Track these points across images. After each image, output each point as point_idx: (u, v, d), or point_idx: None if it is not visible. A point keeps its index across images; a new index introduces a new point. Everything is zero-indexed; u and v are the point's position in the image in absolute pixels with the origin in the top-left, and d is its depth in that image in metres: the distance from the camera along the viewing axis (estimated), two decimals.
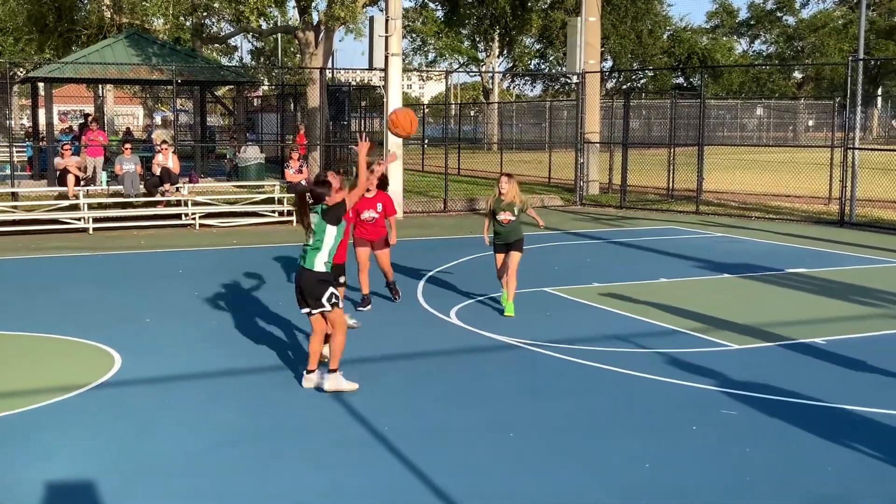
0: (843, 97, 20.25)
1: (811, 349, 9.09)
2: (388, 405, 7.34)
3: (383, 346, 9.19)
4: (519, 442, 6.57)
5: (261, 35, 39.88)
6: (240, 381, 8.07)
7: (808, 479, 5.87)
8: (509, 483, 5.83)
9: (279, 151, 30.73)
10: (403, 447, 6.39)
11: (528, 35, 59.56)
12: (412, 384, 7.98)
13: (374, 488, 5.75)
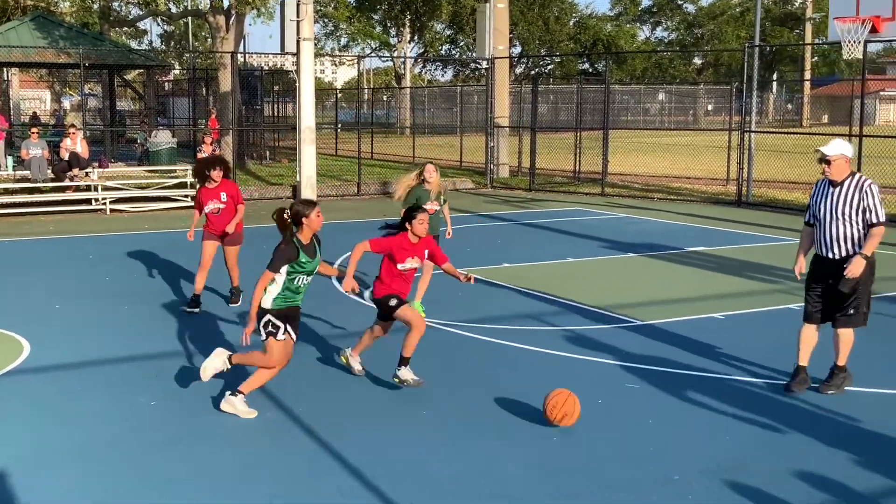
0: (740, 82, 20.77)
1: (710, 323, 9.34)
2: (301, 386, 7.29)
3: (301, 329, 9.10)
4: (432, 419, 6.60)
5: (171, 19, 38.93)
6: (151, 365, 7.92)
7: (708, 449, 6.03)
8: (422, 458, 5.86)
9: (191, 136, 30.17)
10: (317, 427, 6.36)
11: (439, 21, 59.49)
12: (326, 365, 7.94)
13: (286, 466, 5.72)
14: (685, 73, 74.12)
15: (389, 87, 65.57)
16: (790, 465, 5.71)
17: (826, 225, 6.94)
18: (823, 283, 6.99)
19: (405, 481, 5.51)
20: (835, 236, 6.88)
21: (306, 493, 5.37)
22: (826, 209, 6.95)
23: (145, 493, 5.38)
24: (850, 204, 6.83)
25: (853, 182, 6.92)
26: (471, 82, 58.67)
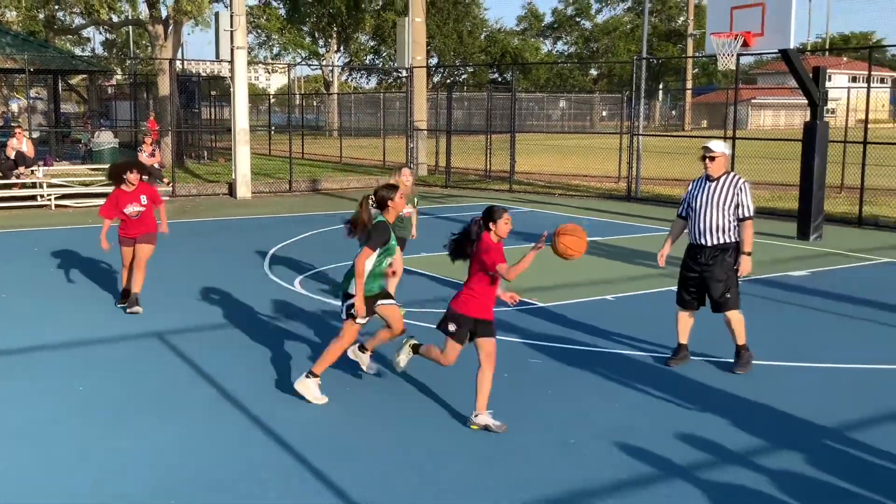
0: (630, 91, 21.10)
1: (603, 305, 9.48)
2: (235, 367, 7.18)
3: (231, 314, 8.96)
4: (354, 395, 6.56)
5: (112, 27, 37.76)
6: (93, 352, 7.69)
7: (601, 414, 6.13)
8: (347, 433, 5.82)
9: (133, 136, 29.38)
10: (248, 404, 6.27)
11: (363, 33, 59.10)
12: (258, 347, 7.82)
13: (221, 440, 5.62)
14: (583, 83, 75.09)
15: (319, 93, 64.86)
16: (672, 428, 5.84)
17: (701, 215, 7.11)
18: (697, 271, 7.14)
19: (336, 453, 5.46)
20: (709, 226, 7.05)
21: (237, 467, 5.28)
22: (702, 201, 7.11)
23: (84, 467, 5.23)
24: (725, 198, 7.01)
25: (728, 179, 7.10)
26: (393, 89, 58.42)
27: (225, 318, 8.78)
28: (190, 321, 8.62)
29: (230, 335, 8.19)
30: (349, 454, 5.42)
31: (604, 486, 4.98)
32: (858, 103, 38.60)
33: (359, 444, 5.58)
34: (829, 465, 5.27)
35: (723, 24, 13.51)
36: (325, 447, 5.52)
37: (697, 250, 7.14)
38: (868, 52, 23.05)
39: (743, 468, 5.22)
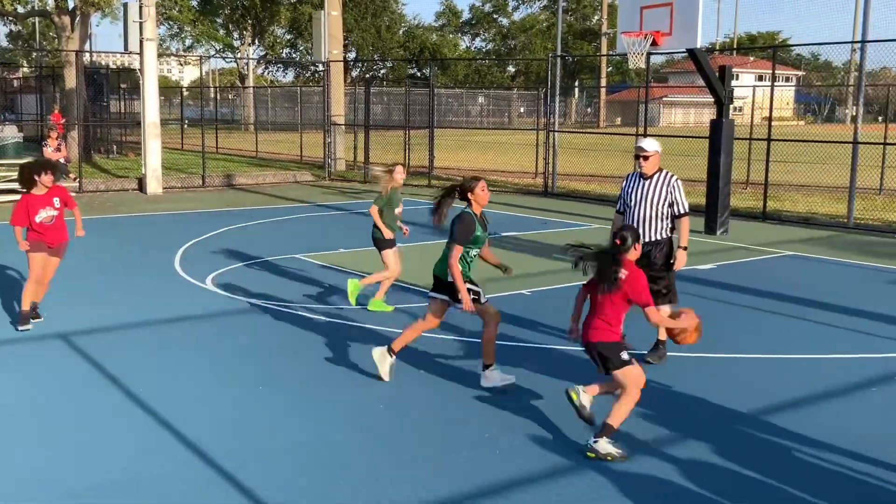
0: (546, 88, 21.34)
1: (519, 299, 9.57)
2: (144, 369, 6.99)
3: (140, 312, 8.72)
4: (266, 394, 6.46)
5: (17, 18, 36.35)
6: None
7: (514, 408, 6.16)
8: (255, 431, 5.73)
9: (39, 131, 28.35)
10: (157, 407, 6.11)
11: (279, 26, 58.31)
12: (167, 347, 7.63)
13: (128, 449, 5.46)
14: (501, 80, 75.70)
15: (234, 86, 63.75)
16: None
17: (636, 212, 7.20)
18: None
19: (243, 455, 5.37)
20: (643, 222, 7.15)
21: (144, 471, 5.15)
22: (637, 198, 7.21)
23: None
24: (659, 196, 7.13)
25: (661, 177, 7.21)
26: (310, 84, 57.80)
27: (133, 317, 8.54)
28: (96, 321, 8.36)
29: (138, 335, 7.98)
30: (259, 454, 5.33)
31: (517, 480, 5.02)
32: (764, 101, 39.94)
33: (270, 444, 5.50)
34: (735, 454, 5.42)
35: (633, 23, 13.78)
36: (235, 448, 5.41)
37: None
38: (773, 51, 23.84)
39: (652, 458, 5.33)
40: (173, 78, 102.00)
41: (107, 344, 7.60)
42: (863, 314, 8.98)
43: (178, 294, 9.60)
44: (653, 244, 7.15)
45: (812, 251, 12.95)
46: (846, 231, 15.07)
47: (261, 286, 9.98)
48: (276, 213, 16.74)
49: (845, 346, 7.82)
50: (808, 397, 6.44)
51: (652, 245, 7.14)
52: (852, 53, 32.25)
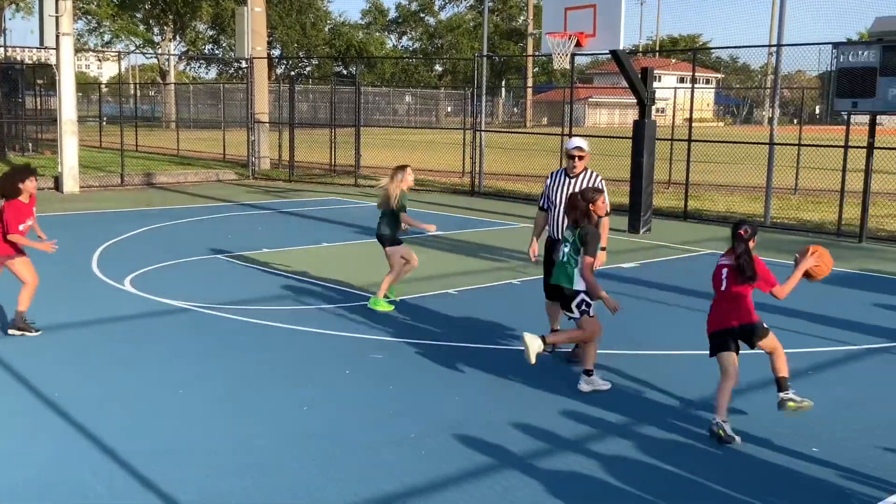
0: (473, 88, 21.44)
1: (446, 299, 9.58)
2: (58, 372, 6.77)
3: (57, 315, 8.44)
4: (188, 398, 6.32)
5: None
6: None
7: (441, 408, 6.18)
8: (177, 437, 5.60)
9: None
10: (73, 412, 5.92)
11: (201, 21, 57.24)
12: (83, 349, 7.41)
13: (42, 453, 5.28)
14: (428, 79, 75.81)
15: (154, 83, 62.35)
16: (510, 418, 5.96)
17: (559, 210, 7.27)
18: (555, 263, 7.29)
19: (162, 459, 5.24)
20: (565, 221, 7.14)
21: (58, 476, 4.98)
22: (562, 196, 7.27)
23: None
24: None
25: (587, 176, 7.31)
26: (233, 81, 56.94)
27: (48, 319, 8.25)
28: (7, 323, 8.06)
29: (53, 337, 7.72)
30: (179, 458, 5.21)
31: (443, 480, 5.02)
32: (685, 103, 40.87)
33: (190, 448, 5.38)
34: (657, 449, 5.53)
35: (557, 24, 13.93)
36: (154, 452, 5.28)
37: (555, 243, 7.28)
38: (693, 54, 24.40)
39: (577, 455, 5.40)
40: (91, 74, 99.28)
41: (19, 346, 7.34)
42: (781, 311, 9.26)
43: (96, 295, 9.34)
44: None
45: None
46: (763, 230, 15.51)
47: (181, 287, 9.78)
48: (198, 213, 16.42)
49: None
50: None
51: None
52: (769, 57, 33.28)
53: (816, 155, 19.49)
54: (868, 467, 5.27)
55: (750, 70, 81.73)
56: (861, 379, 7.02)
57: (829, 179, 18.57)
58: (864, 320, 8.89)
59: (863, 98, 13.16)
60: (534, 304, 9.38)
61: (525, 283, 10.40)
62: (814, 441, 5.66)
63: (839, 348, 7.86)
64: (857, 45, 14.15)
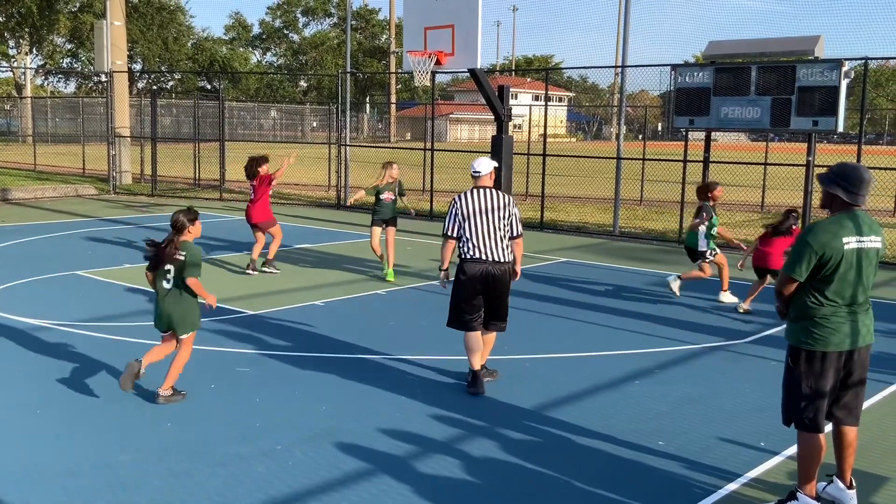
0: (338, 104, 21.30)
1: (312, 310, 9.45)
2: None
3: None
4: (46, 417, 5.95)
5: None
6: None
7: (309, 419, 6.07)
8: (32, 455, 5.26)
9: None
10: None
11: (59, 35, 54.49)
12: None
13: None
14: (293, 94, 74.85)
15: (10, 96, 58.83)
16: (378, 425, 5.93)
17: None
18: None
19: (18, 479, 4.91)
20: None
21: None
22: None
23: None
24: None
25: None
26: (93, 94, 54.45)
27: None
28: None
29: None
30: (38, 479, 4.89)
31: (311, 490, 4.92)
32: (540, 120, 42.01)
33: (52, 468, 5.06)
34: (521, 449, 5.62)
35: (418, 43, 14.03)
36: (15, 473, 4.94)
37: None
38: (546, 73, 25.12)
39: (446, 457, 5.41)
40: None
41: None
42: (627, 314, 9.62)
43: None
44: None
45: (583, 257, 13.73)
46: (612, 239, 16.10)
47: (38, 305, 9.23)
48: (57, 229, 15.57)
49: (613, 343, 8.34)
50: (580, 392, 6.79)
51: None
52: (615, 77, 34.65)
53: (659, 169, 20.45)
54: (709, 457, 5.54)
55: (598, 89, 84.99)
56: (701, 375, 7.37)
57: (670, 191, 19.50)
58: (704, 321, 9.36)
59: (699, 116, 13.89)
60: (398, 313, 9.39)
61: (389, 293, 10.39)
62: (659, 435, 5.90)
63: (681, 348, 8.23)
64: (692, 66, 14.92)
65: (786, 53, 13.53)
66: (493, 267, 6.64)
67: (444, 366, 7.43)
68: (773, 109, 13.09)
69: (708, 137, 14.68)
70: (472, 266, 6.65)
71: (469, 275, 6.66)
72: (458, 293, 6.78)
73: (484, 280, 6.65)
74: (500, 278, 6.68)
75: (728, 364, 7.74)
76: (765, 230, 9.75)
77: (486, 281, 6.65)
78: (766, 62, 13.40)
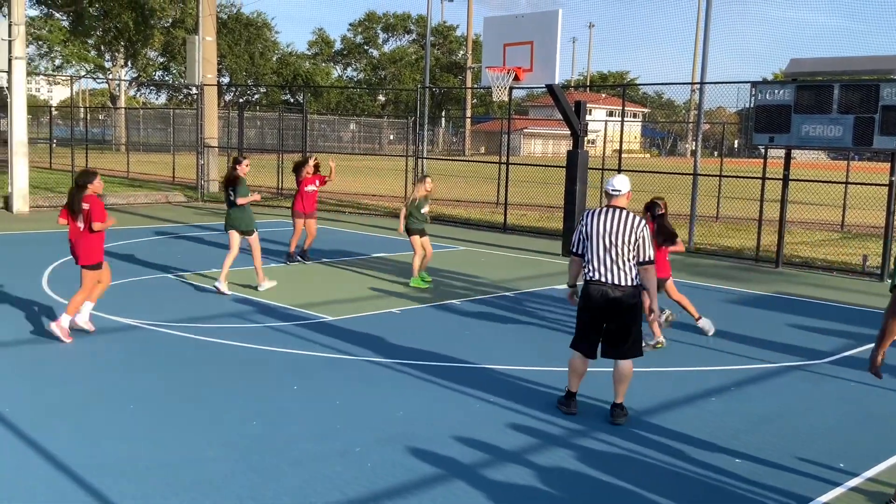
0: (415, 117, 21.54)
1: (389, 317, 9.56)
2: (10, 388, 6.56)
3: (7, 332, 8.18)
4: (138, 412, 6.18)
5: None
6: None
7: (385, 422, 6.15)
8: (127, 449, 5.46)
9: None
10: (23, 425, 5.74)
11: (152, 49, 56.46)
12: (33, 367, 7.20)
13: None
14: (372, 108, 75.88)
15: (105, 107, 61.17)
16: (450, 430, 5.97)
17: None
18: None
19: (114, 473, 5.11)
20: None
21: (11, 493, 4.82)
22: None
23: None
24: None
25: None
26: (183, 106, 56.19)
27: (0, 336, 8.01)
28: None
29: (5, 355, 7.48)
30: (130, 472, 5.08)
31: (387, 491, 4.98)
32: (614, 135, 41.65)
33: (141, 462, 5.25)
34: (598, 462, 5.58)
35: (497, 59, 14.11)
36: (105, 466, 5.15)
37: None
38: (622, 89, 24.92)
39: (517, 466, 5.42)
40: (41, 97, 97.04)
41: None
42: (700, 331, 9.46)
43: (47, 313, 9.08)
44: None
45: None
46: (687, 255, 15.84)
47: (132, 305, 9.57)
48: (148, 233, 16.12)
49: (690, 359, 8.20)
50: (656, 406, 6.70)
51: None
52: (692, 93, 34.16)
53: (736, 185, 20.03)
54: (787, 477, 5.41)
55: (674, 105, 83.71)
56: (779, 394, 7.20)
57: (747, 208, 19.08)
58: (780, 339, 9.14)
59: (779, 133, 13.59)
60: (473, 323, 9.42)
61: (463, 303, 10.44)
62: (735, 452, 5.79)
63: (758, 366, 8.06)
64: (773, 84, 14.61)
65: (869, 72, 13.15)
66: (614, 290, 6.16)
67: (517, 375, 7.43)
68: (856, 128, 12.71)
69: (788, 155, 14.35)
70: (592, 288, 6.23)
71: (588, 297, 6.26)
72: (579, 315, 6.42)
73: (603, 304, 6.19)
74: (620, 303, 6.16)
75: (806, 384, 7.54)
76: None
77: (605, 305, 6.18)
78: (849, 80, 13.03)
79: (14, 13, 18.49)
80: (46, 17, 45.66)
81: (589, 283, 6.28)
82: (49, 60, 52.17)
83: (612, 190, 6.43)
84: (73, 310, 8.07)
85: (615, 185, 6.44)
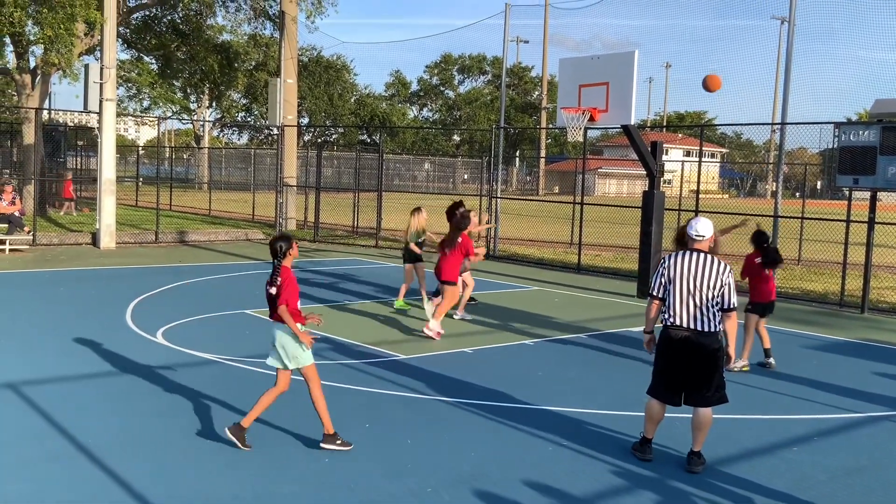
0: (489, 157, 21.67)
1: (461, 357, 9.55)
2: (92, 419, 6.77)
3: (92, 365, 8.48)
4: (214, 447, 6.30)
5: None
6: None
7: (457, 463, 6.12)
8: (203, 484, 5.57)
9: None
10: (104, 457, 5.91)
11: (236, 91, 58.37)
12: (117, 399, 7.42)
13: (76, 495, 5.26)
14: (446, 148, 76.69)
15: (189, 146, 63.38)
16: (521, 474, 5.90)
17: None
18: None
19: (187, 500, 5.21)
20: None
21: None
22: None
23: None
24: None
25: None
26: (263, 146, 57.81)
27: (84, 368, 8.30)
28: (47, 371, 8.11)
29: (88, 385, 7.75)
30: (205, 503, 5.18)
31: None
32: (691, 175, 41.05)
33: (216, 495, 5.34)
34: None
35: (572, 99, 14.13)
36: (183, 499, 5.25)
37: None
38: (700, 129, 24.62)
39: None
40: (129, 136, 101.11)
41: (57, 393, 7.36)
42: (786, 378, 9.17)
43: (129, 346, 9.37)
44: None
45: (738, 316, 13.20)
46: None
47: (210, 340, 9.81)
48: (228, 270, 16.54)
49: (772, 407, 7.95)
50: (737, 455, 6.51)
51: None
52: (772, 134, 33.50)
53: (819, 228, 19.48)
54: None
55: (753, 146, 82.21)
56: (864, 445, 6.92)
57: (831, 252, 18.52)
58: (866, 388, 8.79)
59: (863, 175, 13.21)
60: (546, 364, 9.34)
61: (536, 343, 10.37)
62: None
63: (842, 416, 7.76)
64: (857, 124, 14.25)
65: None
66: (696, 336, 6.04)
67: (591, 419, 7.32)
68: None
69: (873, 197, 13.91)
70: (673, 333, 6.10)
71: (668, 343, 6.13)
72: (657, 361, 6.27)
73: (684, 349, 6.05)
74: (702, 349, 6.02)
75: (891, 435, 7.22)
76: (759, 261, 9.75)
77: (686, 350, 6.05)
78: None
79: (105, 57, 19.41)
80: (136, 60, 47.72)
81: (669, 327, 6.15)
82: (138, 102, 54.41)
83: (696, 235, 6.31)
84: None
85: (699, 230, 6.32)
